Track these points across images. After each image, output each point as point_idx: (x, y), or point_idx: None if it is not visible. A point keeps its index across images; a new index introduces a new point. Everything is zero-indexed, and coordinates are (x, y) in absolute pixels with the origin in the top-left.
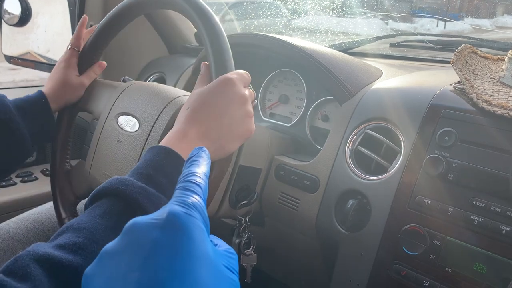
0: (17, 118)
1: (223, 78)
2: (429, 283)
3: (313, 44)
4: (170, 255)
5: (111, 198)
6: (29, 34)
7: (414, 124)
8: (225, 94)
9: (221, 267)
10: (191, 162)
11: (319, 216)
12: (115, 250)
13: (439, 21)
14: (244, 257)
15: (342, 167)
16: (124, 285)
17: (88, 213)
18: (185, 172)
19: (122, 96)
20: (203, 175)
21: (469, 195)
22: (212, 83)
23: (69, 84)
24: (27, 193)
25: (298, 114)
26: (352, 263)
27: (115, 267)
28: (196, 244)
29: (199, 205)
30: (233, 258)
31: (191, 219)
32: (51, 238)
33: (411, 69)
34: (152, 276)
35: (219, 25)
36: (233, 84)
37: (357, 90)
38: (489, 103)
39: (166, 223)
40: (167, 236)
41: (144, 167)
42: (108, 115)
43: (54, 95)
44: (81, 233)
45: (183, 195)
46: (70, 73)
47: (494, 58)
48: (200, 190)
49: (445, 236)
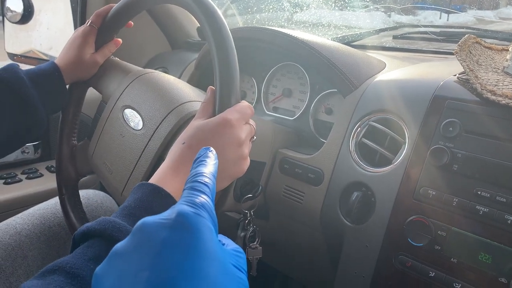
0: (32, 91)
1: (223, 119)
2: (435, 274)
3: (315, 37)
4: (179, 254)
5: (103, 241)
6: (32, 31)
7: (418, 115)
8: (223, 136)
9: (229, 266)
10: (198, 162)
11: (324, 209)
12: (125, 250)
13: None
14: (250, 250)
15: (346, 160)
16: (134, 284)
17: (79, 255)
18: (193, 172)
19: (132, 86)
20: (210, 175)
21: (474, 186)
22: (212, 121)
23: (84, 62)
24: (33, 189)
25: (302, 107)
26: (357, 255)
27: (125, 266)
28: (205, 243)
29: (207, 205)
30: (242, 257)
31: (200, 219)
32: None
33: (415, 61)
34: (162, 275)
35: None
36: (232, 126)
37: (360, 82)
38: (494, 93)
39: (175, 223)
40: (176, 235)
41: (136, 208)
42: (116, 103)
43: (67, 70)
44: (74, 281)
45: (192, 195)
46: (86, 50)
47: (498, 48)
48: (208, 190)
49: (450, 226)
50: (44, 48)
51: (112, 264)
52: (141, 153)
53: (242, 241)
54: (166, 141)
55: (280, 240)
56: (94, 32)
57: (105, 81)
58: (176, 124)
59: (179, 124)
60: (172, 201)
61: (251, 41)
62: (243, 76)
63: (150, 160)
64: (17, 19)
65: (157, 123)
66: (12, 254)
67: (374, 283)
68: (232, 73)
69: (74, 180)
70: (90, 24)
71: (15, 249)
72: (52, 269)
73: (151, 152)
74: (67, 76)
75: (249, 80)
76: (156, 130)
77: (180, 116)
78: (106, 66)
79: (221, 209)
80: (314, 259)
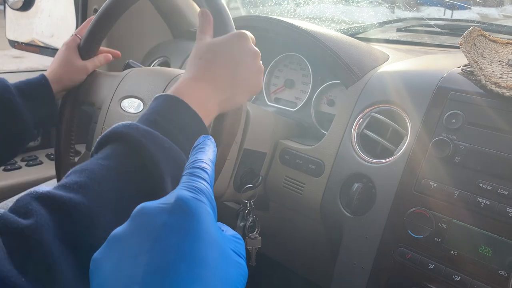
0: (18, 99)
1: (238, 32)
2: (434, 266)
3: (319, 27)
4: (179, 238)
5: (116, 143)
6: (33, 18)
7: (421, 107)
8: (240, 47)
9: (229, 250)
10: (197, 149)
11: (324, 200)
12: (124, 234)
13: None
14: (249, 240)
15: (348, 151)
16: (133, 267)
17: (92, 158)
18: (192, 159)
19: (124, 82)
20: (209, 161)
21: (476, 178)
22: (224, 36)
23: (71, 65)
24: (32, 176)
25: (304, 98)
26: (356, 246)
27: (124, 250)
28: (204, 227)
29: (206, 190)
30: (240, 243)
31: (199, 203)
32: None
33: (418, 53)
34: (162, 258)
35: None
36: (247, 39)
37: (363, 73)
38: (498, 85)
39: (174, 207)
40: (175, 219)
41: (150, 113)
42: (111, 101)
43: (55, 76)
44: (83, 173)
45: (191, 181)
46: (71, 55)
47: (503, 41)
48: (207, 176)
49: (451, 219)
50: (45, 35)
51: (111, 248)
52: None
53: (241, 231)
54: None
55: (280, 231)
56: (77, 40)
57: (95, 91)
58: None
59: None
60: (188, 110)
61: (254, 30)
62: None
63: None
64: (19, 6)
65: None
66: None
67: (374, 274)
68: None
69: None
70: (75, 35)
71: None
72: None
73: None
74: (56, 82)
75: None
76: None
77: None
78: (92, 78)
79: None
80: (314, 250)
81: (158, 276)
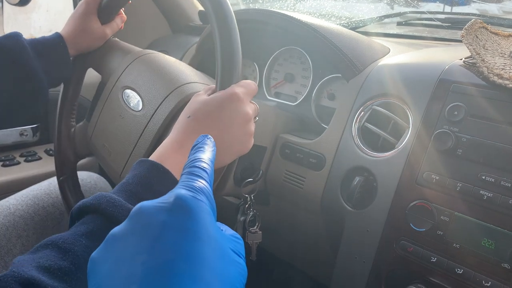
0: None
1: (230, 93)
2: (437, 259)
3: (319, 20)
4: (177, 237)
5: (98, 217)
6: (31, 13)
7: (422, 99)
8: (230, 110)
9: (228, 250)
10: (196, 148)
11: (325, 194)
12: (122, 233)
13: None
14: (249, 235)
15: (349, 144)
16: (131, 267)
17: (73, 231)
18: (191, 158)
19: (132, 66)
20: (208, 160)
21: (478, 170)
22: (218, 95)
23: (91, 32)
24: (31, 172)
25: (304, 92)
26: (358, 240)
27: (122, 250)
28: (203, 226)
29: (205, 189)
30: (240, 243)
31: (198, 202)
32: (33, 248)
33: (419, 47)
34: (160, 258)
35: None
36: (239, 100)
37: (364, 66)
38: (501, 77)
39: (173, 206)
40: (174, 218)
41: (133, 184)
42: (115, 84)
43: (73, 40)
44: (66, 256)
45: (190, 180)
46: (90, 20)
47: (505, 34)
48: (206, 175)
49: (453, 211)
50: (43, 30)
51: (109, 248)
52: (140, 134)
53: (242, 226)
54: (166, 122)
55: (280, 226)
56: (97, 1)
57: (105, 61)
58: (176, 105)
59: (179, 106)
60: (171, 177)
61: (254, 24)
62: (244, 61)
63: (149, 141)
64: (16, 1)
65: (157, 104)
66: (6, 234)
67: (375, 268)
68: (234, 48)
69: (72, 162)
70: None
71: (10, 229)
72: (45, 244)
73: (151, 133)
74: (71, 46)
75: (250, 64)
76: (156, 111)
77: (180, 97)
78: (106, 46)
79: (221, 192)
80: (314, 245)
81: (157, 275)
